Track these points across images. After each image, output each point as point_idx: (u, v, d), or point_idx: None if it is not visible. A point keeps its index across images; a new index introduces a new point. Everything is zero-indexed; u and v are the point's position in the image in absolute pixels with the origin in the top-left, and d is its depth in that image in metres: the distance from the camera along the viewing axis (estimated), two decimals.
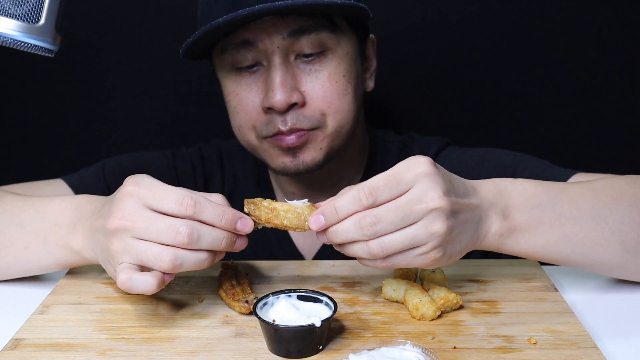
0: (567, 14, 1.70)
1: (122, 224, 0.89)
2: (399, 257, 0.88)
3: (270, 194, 1.42)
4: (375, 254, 0.87)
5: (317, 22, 1.18)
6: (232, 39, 1.19)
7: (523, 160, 1.31)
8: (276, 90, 1.17)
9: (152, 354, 0.87)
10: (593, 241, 0.98)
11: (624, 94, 1.75)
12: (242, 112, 1.23)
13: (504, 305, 0.99)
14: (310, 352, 0.86)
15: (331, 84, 1.20)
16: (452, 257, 0.92)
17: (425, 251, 0.87)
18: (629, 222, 0.99)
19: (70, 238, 1.02)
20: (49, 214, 1.05)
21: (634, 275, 1.03)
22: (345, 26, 1.23)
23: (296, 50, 1.19)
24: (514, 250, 0.97)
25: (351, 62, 1.24)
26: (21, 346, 0.89)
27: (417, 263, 0.89)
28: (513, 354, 0.85)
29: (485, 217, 0.93)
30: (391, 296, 1.00)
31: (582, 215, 0.97)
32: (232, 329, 0.93)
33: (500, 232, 0.94)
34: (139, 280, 0.87)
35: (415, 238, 0.86)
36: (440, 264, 0.91)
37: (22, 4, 0.86)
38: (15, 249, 1.07)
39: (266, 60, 1.20)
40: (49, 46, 0.89)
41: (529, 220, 0.95)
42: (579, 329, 0.91)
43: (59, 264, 1.06)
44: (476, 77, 1.75)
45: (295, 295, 0.93)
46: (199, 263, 0.90)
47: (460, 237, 0.91)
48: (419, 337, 0.90)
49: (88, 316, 0.98)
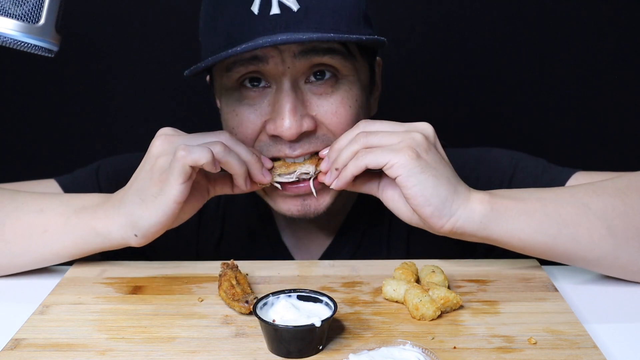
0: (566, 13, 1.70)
1: (166, 140, 1.02)
2: (377, 149, 0.99)
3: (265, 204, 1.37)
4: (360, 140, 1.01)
5: (330, 46, 1.11)
6: (241, 55, 1.09)
7: (521, 160, 1.31)
8: (286, 117, 1.09)
9: (152, 354, 0.87)
10: (577, 222, 1.01)
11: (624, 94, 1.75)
12: (241, 134, 1.15)
13: (504, 305, 0.99)
14: (310, 352, 0.86)
15: (345, 109, 1.14)
16: (427, 172, 0.97)
17: (400, 148, 0.97)
18: (613, 210, 1.01)
19: (95, 217, 1.06)
20: (74, 201, 1.09)
21: (629, 266, 1.04)
22: (358, 55, 1.17)
23: (306, 73, 1.12)
24: (502, 229, 1.00)
25: (362, 88, 1.19)
26: (21, 346, 0.89)
27: (389, 157, 0.97)
28: (513, 354, 0.85)
29: (462, 184, 1.01)
30: (391, 296, 1.00)
31: (562, 199, 1.03)
32: (232, 329, 0.93)
33: (482, 205, 0.99)
34: (196, 150, 0.97)
35: (395, 133, 1.00)
36: (415, 171, 0.97)
37: (22, 4, 0.86)
38: (32, 232, 1.07)
39: (275, 82, 1.12)
40: (49, 46, 0.89)
41: (509, 199, 1.01)
42: (579, 329, 0.91)
43: (76, 248, 1.07)
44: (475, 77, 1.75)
45: (295, 295, 0.93)
46: (239, 164, 1.03)
47: (437, 166, 0.99)
48: (419, 337, 0.90)
49: (88, 316, 0.98)
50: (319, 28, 1.07)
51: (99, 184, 1.33)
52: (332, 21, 1.09)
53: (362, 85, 1.19)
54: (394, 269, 1.06)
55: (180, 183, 1.00)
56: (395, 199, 1.05)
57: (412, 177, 0.97)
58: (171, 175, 1.00)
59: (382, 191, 1.07)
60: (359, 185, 1.08)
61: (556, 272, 1.12)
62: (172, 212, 1.02)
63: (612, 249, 1.01)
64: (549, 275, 1.08)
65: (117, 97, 1.81)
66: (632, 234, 1.02)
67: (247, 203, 1.38)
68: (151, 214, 1.03)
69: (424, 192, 0.97)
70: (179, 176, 0.99)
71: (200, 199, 1.10)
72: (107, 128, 1.83)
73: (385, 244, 1.33)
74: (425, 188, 0.97)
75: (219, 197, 1.40)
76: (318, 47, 1.10)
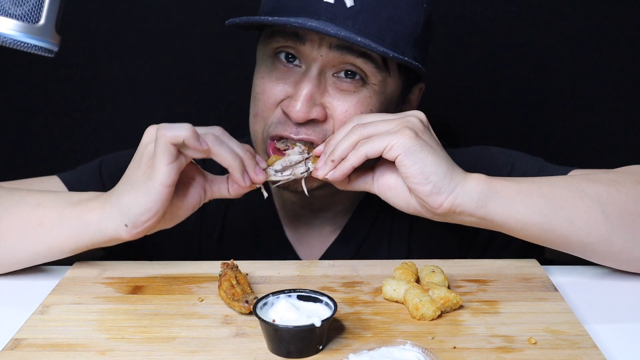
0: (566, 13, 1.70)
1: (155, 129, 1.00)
2: (375, 136, 1.01)
3: (269, 200, 1.40)
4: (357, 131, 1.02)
5: (367, 51, 1.12)
6: (285, 27, 1.13)
7: (518, 158, 1.31)
8: (299, 100, 1.12)
9: (152, 354, 0.87)
10: (573, 206, 1.02)
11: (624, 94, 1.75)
12: (262, 101, 1.19)
13: (504, 305, 0.99)
14: (310, 352, 0.86)
15: (355, 112, 1.15)
16: (426, 151, 0.99)
17: (397, 129, 0.99)
18: (608, 196, 1.03)
19: (87, 209, 1.05)
20: (70, 197, 1.09)
21: (622, 254, 1.04)
22: (395, 70, 1.18)
23: (337, 66, 1.14)
24: (499, 210, 1.01)
25: (384, 102, 1.19)
26: (21, 346, 0.89)
27: (389, 139, 0.99)
28: (513, 354, 0.85)
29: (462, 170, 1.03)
30: (391, 296, 1.00)
31: (558, 185, 1.05)
32: (232, 329, 0.93)
33: (480, 185, 1.01)
34: (175, 125, 0.97)
35: (392, 121, 1.02)
36: (415, 150, 0.98)
37: (22, 4, 0.86)
38: (27, 225, 1.07)
39: (306, 64, 1.15)
40: (49, 46, 0.89)
41: (508, 183, 1.03)
42: (579, 329, 0.91)
43: (71, 241, 1.07)
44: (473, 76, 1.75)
45: (295, 295, 0.93)
46: (232, 155, 1.01)
47: (435, 146, 1.02)
48: (419, 337, 0.90)
49: (88, 316, 0.98)
50: (364, 31, 1.10)
51: (101, 179, 1.34)
52: (379, 29, 1.11)
53: (386, 99, 1.19)
54: (394, 269, 1.06)
55: (166, 164, 0.99)
56: (391, 187, 1.06)
57: (412, 156, 0.99)
58: (156, 158, 0.99)
59: (376, 183, 1.08)
60: (353, 182, 1.09)
61: (556, 272, 1.12)
62: (161, 197, 1.01)
63: (607, 234, 1.02)
64: (549, 275, 1.08)
65: (118, 95, 1.81)
66: (627, 221, 1.03)
67: (249, 200, 1.39)
68: (139, 200, 1.02)
69: (423, 170, 0.99)
70: (162, 156, 0.99)
71: (196, 197, 1.09)
72: (109, 125, 1.83)
73: (386, 240, 1.33)
74: (425, 165, 0.99)
75: None
76: (355, 47, 1.11)
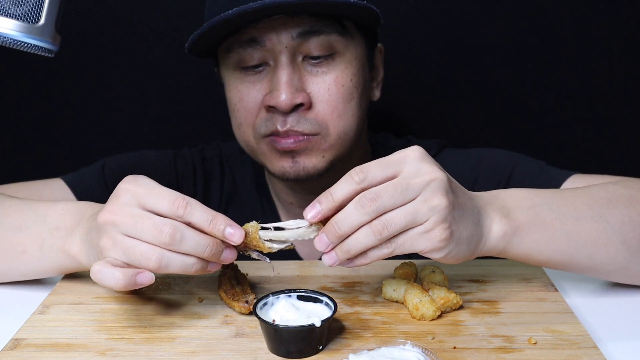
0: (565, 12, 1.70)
1: (110, 218, 0.88)
2: (403, 237, 0.86)
3: (268, 201, 1.41)
4: (380, 231, 0.84)
5: (326, 24, 1.16)
6: (239, 37, 1.17)
7: (520, 160, 1.31)
8: (282, 89, 1.15)
9: (152, 354, 0.87)
10: (596, 240, 0.97)
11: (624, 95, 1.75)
12: (243, 109, 1.21)
13: (504, 305, 0.99)
14: (310, 352, 0.86)
15: (337, 87, 1.18)
16: (460, 243, 0.88)
17: (429, 228, 0.85)
18: (629, 221, 0.99)
19: (68, 242, 1.01)
20: (49, 218, 1.05)
21: (636, 276, 1.03)
22: (354, 30, 1.21)
23: (304, 51, 1.17)
24: (520, 252, 0.95)
25: (359, 68, 1.22)
26: (21, 346, 0.89)
27: (423, 244, 0.86)
28: (513, 354, 0.85)
29: (485, 212, 0.92)
30: (391, 296, 1.00)
31: (581, 215, 0.98)
32: (232, 329, 0.93)
33: (504, 231, 0.92)
34: (108, 273, 0.84)
35: (417, 212, 0.84)
36: (449, 249, 0.87)
37: (22, 4, 0.86)
38: (12, 252, 1.06)
39: (273, 59, 1.18)
40: (49, 46, 0.89)
41: (530, 218, 0.94)
42: (579, 329, 0.91)
43: (54, 269, 1.05)
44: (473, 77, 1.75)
45: (295, 295, 0.93)
46: (185, 267, 0.87)
47: (464, 220, 0.88)
48: (419, 337, 0.90)
49: (88, 316, 0.98)
50: None
51: (105, 181, 1.34)
52: None
53: (359, 64, 1.22)
54: (394, 269, 1.06)
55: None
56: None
57: (449, 254, 0.89)
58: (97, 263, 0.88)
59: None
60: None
61: (556, 273, 1.12)
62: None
63: (625, 262, 1.00)
64: (549, 276, 1.08)
65: (119, 96, 1.81)
66: None
67: (250, 198, 1.39)
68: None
69: (457, 257, 0.91)
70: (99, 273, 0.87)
71: None
72: (108, 127, 1.83)
73: None
74: (459, 255, 0.91)
75: (222, 191, 1.42)
76: (314, 27, 1.15)
